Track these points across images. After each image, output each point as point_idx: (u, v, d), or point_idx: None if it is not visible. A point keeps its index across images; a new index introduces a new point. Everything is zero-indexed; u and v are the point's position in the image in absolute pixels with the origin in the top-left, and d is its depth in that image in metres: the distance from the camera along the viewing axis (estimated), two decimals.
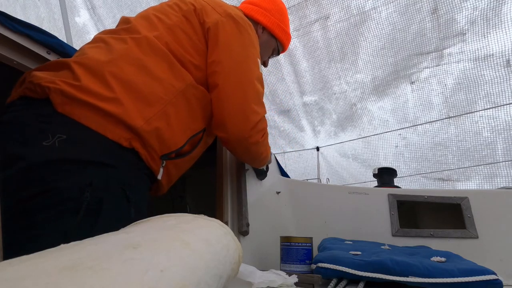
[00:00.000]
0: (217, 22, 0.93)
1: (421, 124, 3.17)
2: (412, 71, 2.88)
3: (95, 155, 0.68)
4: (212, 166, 1.28)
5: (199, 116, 0.90)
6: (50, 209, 0.61)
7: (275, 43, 1.24)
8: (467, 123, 2.92)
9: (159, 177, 0.83)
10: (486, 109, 2.79)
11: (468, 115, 2.89)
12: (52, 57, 0.98)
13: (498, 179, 2.88)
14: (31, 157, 0.62)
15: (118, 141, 0.72)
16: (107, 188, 0.68)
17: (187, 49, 0.89)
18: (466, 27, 2.51)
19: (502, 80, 2.61)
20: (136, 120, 0.73)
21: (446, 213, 1.32)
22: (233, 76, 0.91)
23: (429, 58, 2.77)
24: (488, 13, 2.40)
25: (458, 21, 2.50)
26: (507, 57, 2.50)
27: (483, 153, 2.92)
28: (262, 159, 1.11)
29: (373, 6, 2.63)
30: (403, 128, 3.28)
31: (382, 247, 1.07)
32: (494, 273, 0.74)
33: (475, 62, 2.63)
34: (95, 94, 0.71)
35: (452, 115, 2.97)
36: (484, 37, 2.50)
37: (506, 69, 2.55)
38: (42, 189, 0.61)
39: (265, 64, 1.29)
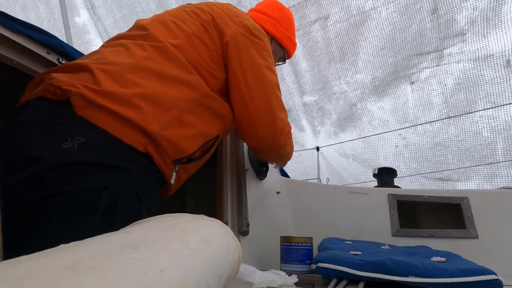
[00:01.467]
0: (235, 35, 0.95)
1: (421, 124, 3.16)
2: (412, 71, 2.88)
3: (111, 158, 0.69)
4: (212, 166, 1.28)
5: (213, 124, 0.92)
6: (66, 210, 0.61)
7: (282, 52, 1.27)
8: (467, 123, 2.92)
9: (172, 181, 0.84)
10: (486, 109, 2.79)
11: (468, 115, 2.89)
12: (52, 57, 0.98)
13: (498, 179, 2.88)
14: (49, 159, 0.63)
15: (133, 145, 0.73)
16: (121, 191, 0.69)
17: (204, 58, 0.91)
18: (466, 27, 2.51)
19: (502, 80, 2.60)
20: (153, 125, 0.75)
21: (446, 213, 1.32)
22: (257, 87, 0.95)
23: (429, 58, 2.77)
24: (488, 13, 2.40)
25: (458, 21, 2.50)
26: (507, 57, 2.50)
27: (483, 153, 2.92)
28: (289, 157, 1.22)
29: (373, 6, 2.63)
30: (403, 128, 3.27)
31: (382, 247, 1.07)
32: (494, 273, 0.74)
33: (475, 62, 2.63)
34: (115, 99, 0.72)
35: (452, 115, 2.97)
36: (484, 37, 2.49)
37: (506, 69, 2.55)
38: (58, 191, 0.61)
39: None
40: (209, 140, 0.92)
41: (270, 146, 1.02)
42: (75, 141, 0.65)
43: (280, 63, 1.32)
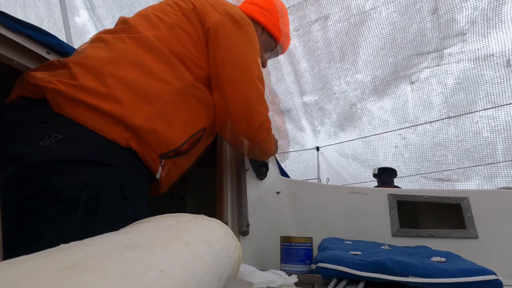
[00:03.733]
0: (217, 22, 0.92)
1: (421, 124, 3.16)
2: (412, 71, 2.88)
3: (92, 154, 0.68)
4: (212, 166, 1.28)
5: (199, 115, 0.90)
6: (49, 209, 0.61)
7: (274, 43, 1.23)
8: (467, 123, 2.92)
9: (158, 176, 0.83)
10: (486, 109, 2.79)
11: (468, 115, 2.89)
12: (52, 57, 0.98)
13: (498, 179, 2.88)
14: (28, 157, 0.62)
15: (116, 140, 0.71)
16: (104, 187, 0.67)
17: (188, 48, 0.89)
18: (466, 27, 2.51)
19: (502, 80, 2.61)
20: (135, 119, 0.73)
21: (446, 213, 1.32)
22: (236, 77, 0.91)
23: (429, 58, 2.77)
24: (488, 13, 2.40)
25: (458, 21, 2.50)
26: (507, 57, 2.50)
27: (483, 153, 2.92)
28: (266, 154, 1.17)
29: (373, 6, 2.63)
30: (403, 128, 3.28)
31: (382, 247, 1.07)
32: (494, 273, 0.74)
33: (475, 62, 2.63)
34: (93, 94, 0.70)
35: (452, 115, 2.97)
36: (484, 37, 2.49)
37: (506, 69, 2.55)
38: (40, 189, 0.61)
39: (264, 64, 1.27)
40: (196, 132, 0.89)
41: (246, 140, 0.99)
42: (52, 138, 0.64)
43: (273, 56, 1.28)
